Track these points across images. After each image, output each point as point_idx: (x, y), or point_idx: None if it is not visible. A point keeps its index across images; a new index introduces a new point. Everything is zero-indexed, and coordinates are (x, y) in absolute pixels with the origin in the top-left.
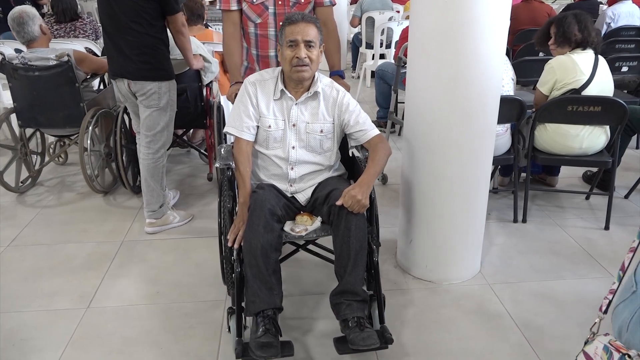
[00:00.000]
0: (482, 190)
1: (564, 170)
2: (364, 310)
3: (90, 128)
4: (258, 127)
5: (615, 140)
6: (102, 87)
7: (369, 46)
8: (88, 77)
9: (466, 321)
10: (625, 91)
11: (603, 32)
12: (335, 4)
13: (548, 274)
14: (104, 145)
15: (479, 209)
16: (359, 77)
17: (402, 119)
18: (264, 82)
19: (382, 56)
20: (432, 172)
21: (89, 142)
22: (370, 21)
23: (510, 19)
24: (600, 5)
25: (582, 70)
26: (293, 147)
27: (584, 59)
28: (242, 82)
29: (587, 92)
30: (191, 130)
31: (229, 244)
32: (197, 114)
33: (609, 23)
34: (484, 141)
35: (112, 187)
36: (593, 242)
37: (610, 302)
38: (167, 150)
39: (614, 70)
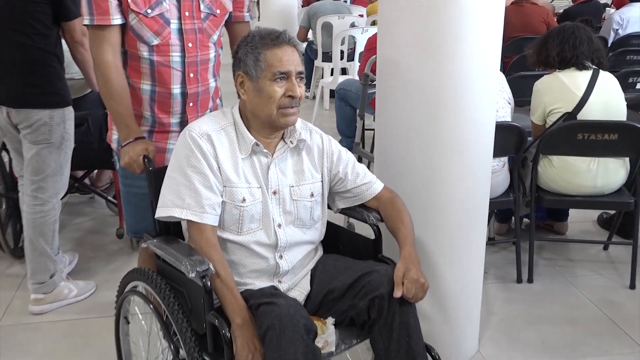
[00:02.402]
0: (478, 244)
1: (575, 213)
2: None
3: None
4: (224, 203)
5: (637, 175)
6: None
7: (327, 58)
8: None
9: None
10: None
11: (610, 40)
12: (253, 19)
13: (564, 351)
14: None
15: (474, 268)
16: (314, 98)
17: (372, 151)
18: (220, 132)
19: (343, 71)
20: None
21: None
22: (327, 27)
23: None
24: (607, 8)
25: (573, 88)
26: (279, 225)
27: (575, 76)
28: (145, 139)
29: (585, 115)
30: (95, 172)
31: None
32: (102, 150)
33: (617, 29)
34: (477, 181)
35: None
36: (617, 306)
37: None
38: (62, 198)
39: (627, 87)
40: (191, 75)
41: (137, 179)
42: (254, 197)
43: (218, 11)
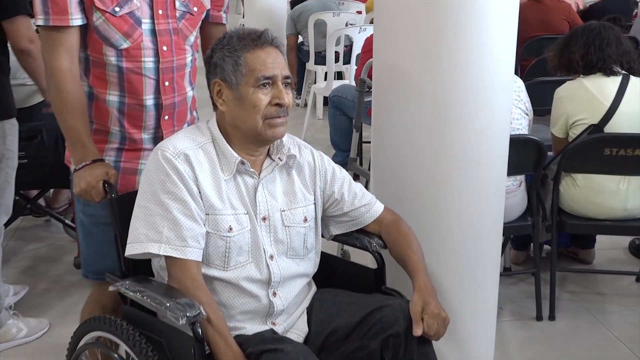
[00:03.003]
0: (490, 275)
1: (603, 239)
2: None
3: None
4: (207, 234)
5: None
6: None
7: (320, 60)
8: None
9: None
10: None
11: None
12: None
13: None
14: None
15: (487, 303)
16: (305, 106)
17: (369, 168)
18: (198, 151)
19: (339, 75)
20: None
21: None
22: (320, 26)
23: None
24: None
25: (599, 97)
26: (271, 257)
27: (602, 82)
28: (103, 161)
29: (613, 127)
30: (51, 191)
31: None
32: (59, 166)
33: None
34: (489, 202)
35: None
36: None
37: None
38: (9, 224)
39: None
40: (166, 83)
41: (102, 207)
42: (242, 225)
43: (195, 9)
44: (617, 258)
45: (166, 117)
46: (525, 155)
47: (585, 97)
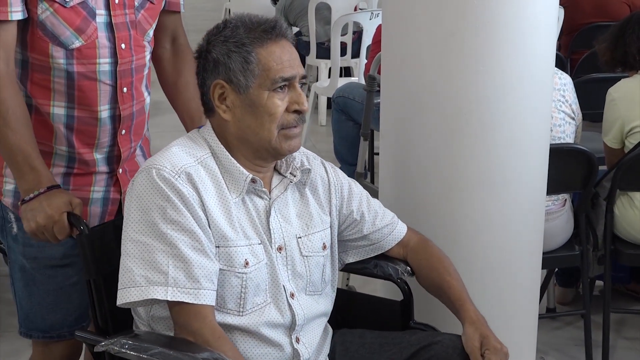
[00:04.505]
0: (528, 317)
1: None
2: None
3: None
4: (220, 271)
5: None
6: None
7: (323, 53)
8: None
9: None
10: None
11: None
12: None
13: None
14: None
15: (523, 351)
16: None
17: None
18: (198, 168)
19: (346, 72)
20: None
21: None
22: (323, 12)
23: (566, 7)
24: None
25: None
26: (292, 295)
27: None
28: (60, 187)
29: None
30: None
31: None
32: None
33: None
34: (523, 227)
35: None
36: None
37: None
38: None
39: None
40: (124, 90)
41: (48, 247)
42: (257, 257)
43: (155, 0)
44: None
45: (123, 132)
46: (572, 170)
47: None
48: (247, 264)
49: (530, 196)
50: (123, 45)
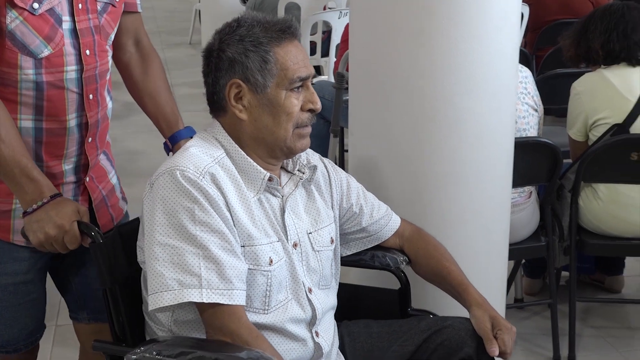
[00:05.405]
0: (496, 306)
1: (633, 264)
2: None
3: None
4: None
5: None
6: None
7: None
8: None
9: None
10: None
11: None
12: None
13: None
14: None
15: None
16: None
17: None
18: (217, 168)
19: (316, 70)
20: (368, 279)
21: None
22: (293, 10)
23: (531, 4)
24: None
25: (624, 92)
26: (310, 290)
27: (627, 75)
28: (62, 195)
29: (638, 128)
30: None
31: None
32: None
33: None
34: (489, 219)
35: None
36: None
37: None
38: None
39: None
40: (90, 96)
41: (8, 262)
42: (278, 255)
43: (116, 2)
44: None
45: (90, 139)
46: (537, 163)
47: (607, 93)
48: (271, 261)
49: (497, 189)
50: (87, 52)
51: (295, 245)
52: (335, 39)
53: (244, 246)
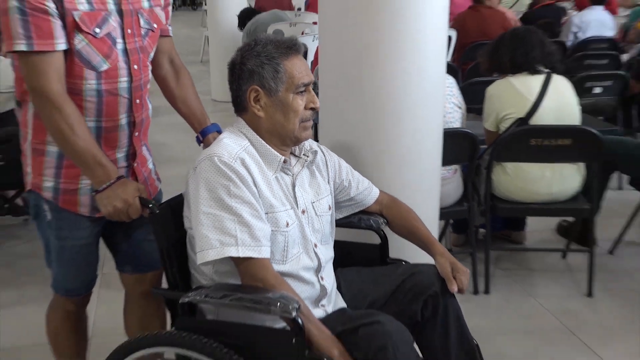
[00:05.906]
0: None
1: (534, 222)
2: None
3: None
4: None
5: (592, 181)
6: None
7: None
8: None
9: None
10: (601, 118)
11: (569, 43)
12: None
13: None
14: None
15: None
16: None
17: None
18: (244, 154)
19: None
20: (356, 237)
21: None
22: (278, 35)
23: (457, 30)
24: (569, 10)
25: (524, 93)
26: (315, 245)
27: (527, 80)
28: (120, 175)
29: (538, 120)
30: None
31: None
32: None
33: (576, 32)
34: (425, 189)
35: None
36: (574, 314)
37: None
38: None
39: (584, 92)
40: (137, 101)
41: (76, 229)
42: (292, 219)
43: (155, 25)
44: (545, 238)
45: (136, 134)
46: (461, 147)
47: (512, 94)
48: (287, 224)
49: (430, 167)
50: (135, 67)
51: (303, 211)
52: (310, 56)
53: (267, 213)
